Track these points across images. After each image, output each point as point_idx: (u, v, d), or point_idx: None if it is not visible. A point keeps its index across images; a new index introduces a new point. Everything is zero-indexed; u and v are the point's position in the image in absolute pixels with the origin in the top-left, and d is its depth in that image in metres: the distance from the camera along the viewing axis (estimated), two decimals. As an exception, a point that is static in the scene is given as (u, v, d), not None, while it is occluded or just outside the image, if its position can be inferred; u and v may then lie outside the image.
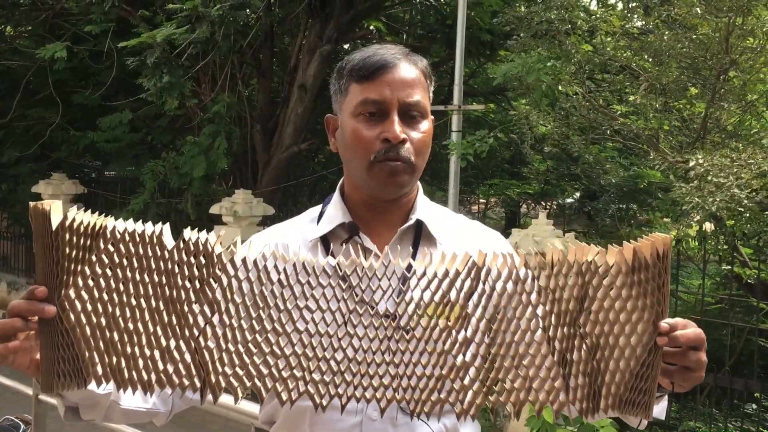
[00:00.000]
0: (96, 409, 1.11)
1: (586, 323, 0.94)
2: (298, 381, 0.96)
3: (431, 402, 0.96)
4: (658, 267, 0.91)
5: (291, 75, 9.74)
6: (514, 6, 8.42)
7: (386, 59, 1.20)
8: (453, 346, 0.96)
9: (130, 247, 0.93)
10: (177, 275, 0.94)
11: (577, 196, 13.46)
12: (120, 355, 0.94)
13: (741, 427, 6.17)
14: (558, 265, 0.93)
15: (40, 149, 10.73)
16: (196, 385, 0.95)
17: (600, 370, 0.94)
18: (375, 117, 1.19)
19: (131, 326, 0.94)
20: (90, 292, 0.93)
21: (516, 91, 7.81)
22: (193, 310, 0.95)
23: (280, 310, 0.96)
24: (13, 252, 11.43)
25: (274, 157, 9.52)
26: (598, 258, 0.93)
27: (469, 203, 16.45)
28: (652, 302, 0.92)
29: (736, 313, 7.37)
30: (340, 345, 0.96)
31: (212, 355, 0.95)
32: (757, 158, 4.75)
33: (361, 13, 9.45)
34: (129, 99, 9.35)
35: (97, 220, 0.93)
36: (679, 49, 5.90)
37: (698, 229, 5.83)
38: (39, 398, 2.77)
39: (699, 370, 0.97)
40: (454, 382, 0.96)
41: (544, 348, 0.96)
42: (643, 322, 0.92)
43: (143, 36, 7.96)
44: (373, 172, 1.19)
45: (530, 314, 0.95)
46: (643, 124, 6.32)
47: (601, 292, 0.93)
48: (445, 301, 0.96)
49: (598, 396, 0.95)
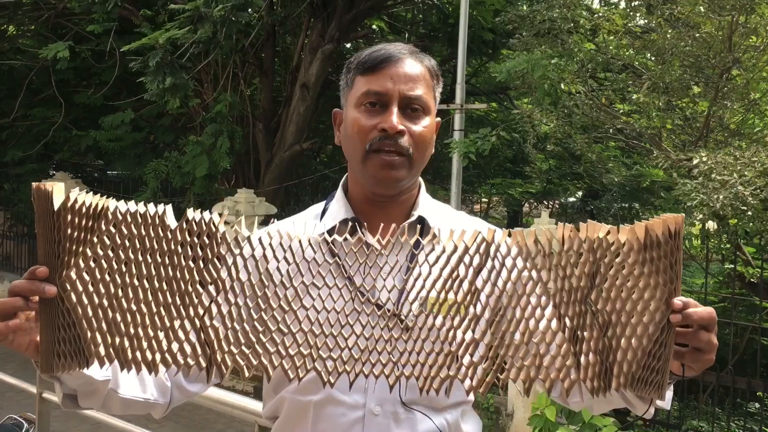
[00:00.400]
0: (94, 396, 1.10)
1: (598, 300, 0.93)
2: (306, 358, 0.95)
3: (440, 378, 0.95)
4: (671, 245, 0.90)
5: (293, 74, 9.74)
6: (517, 5, 8.42)
7: (391, 53, 1.21)
8: (462, 323, 0.95)
9: (132, 228, 0.93)
10: (180, 255, 0.94)
11: (580, 195, 13.45)
12: (123, 335, 0.94)
13: (744, 426, 6.16)
14: (569, 241, 0.93)
15: (42, 149, 10.76)
16: (201, 364, 0.95)
17: (612, 348, 0.93)
18: (376, 108, 1.19)
19: (134, 306, 0.94)
20: (92, 272, 0.93)
21: (518, 90, 7.81)
22: (197, 290, 0.95)
23: (287, 287, 0.96)
24: (16, 251, 11.46)
25: (276, 156, 9.53)
26: (610, 235, 0.92)
27: (472, 202, 16.45)
28: (665, 280, 0.91)
29: (739, 312, 7.36)
30: (348, 321, 0.96)
31: (218, 334, 0.95)
32: (760, 156, 4.75)
33: (363, 12, 9.45)
34: (131, 98, 9.36)
35: (99, 200, 0.92)
36: (682, 48, 5.89)
37: (701, 228, 5.82)
38: (42, 397, 2.77)
39: (710, 351, 0.96)
40: (464, 358, 0.95)
41: (554, 325, 0.94)
42: (655, 300, 0.91)
43: (146, 38, 7.97)
44: (368, 162, 1.19)
45: (540, 290, 0.94)
46: (645, 123, 6.31)
47: (612, 269, 0.92)
48: (455, 276, 0.95)
49: (610, 374, 0.94)
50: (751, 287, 6.56)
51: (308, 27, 9.68)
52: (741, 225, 5.85)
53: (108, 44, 8.90)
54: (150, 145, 11.15)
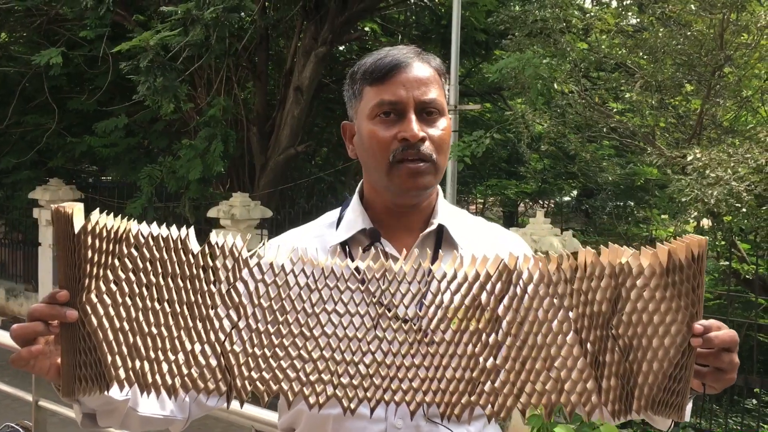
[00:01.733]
0: (113, 415, 1.10)
1: (619, 325, 0.93)
2: (326, 385, 0.95)
3: (461, 405, 0.95)
4: (693, 269, 0.90)
5: (286, 77, 9.74)
6: (509, 5, 8.43)
7: (399, 59, 1.18)
8: (484, 349, 0.95)
9: (154, 251, 0.93)
10: (202, 279, 0.94)
11: (575, 194, 13.48)
12: (143, 359, 0.94)
13: (741, 423, 6.17)
14: (591, 266, 0.92)
15: (36, 155, 10.72)
16: (221, 389, 0.95)
17: (633, 372, 0.93)
18: (391, 117, 1.16)
19: (155, 330, 0.94)
20: (113, 296, 0.93)
21: (512, 90, 7.82)
22: (218, 314, 0.94)
23: (308, 314, 0.95)
24: (11, 259, 11.41)
25: (271, 159, 9.53)
26: (632, 260, 0.92)
27: (467, 203, 16.45)
28: (687, 304, 0.91)
29: (735, 308, 7.37)
30: (369, 349, 0.95)
31: (238, 359, 0.94)
32: (753, 153, 4.77)
33: (356, 14, 9.45)
34: (125, 104, 9.35)
35: (120, 224, 0.92)
36: (674, 46, 5.91)
37: (696, 225, 5.84)
38: (39, 404, 2.76)
39: (731, 371, 0.96)
40: (485, 385, 0.95)
41: (576, 350, 0.94)
42: (677, 324, 0.91)
43: (136, 39, 7.96)
44: (393, 173, 1.16)
45: (562, 316, 0.94)
46: (639, 122, 6.33)
47: (634, 294, 0.92)
48: (476, 304, 0.95)
49: (631, 397, 0.94)
50: (747, 284, 6.59)
51: (301, 30, 9.68)
52: (736, 222, 5.87)
53: (101, 49, 8.88)
54: (144, 150, 11.13)
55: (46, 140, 10.30)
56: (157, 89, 7.92)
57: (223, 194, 9.19)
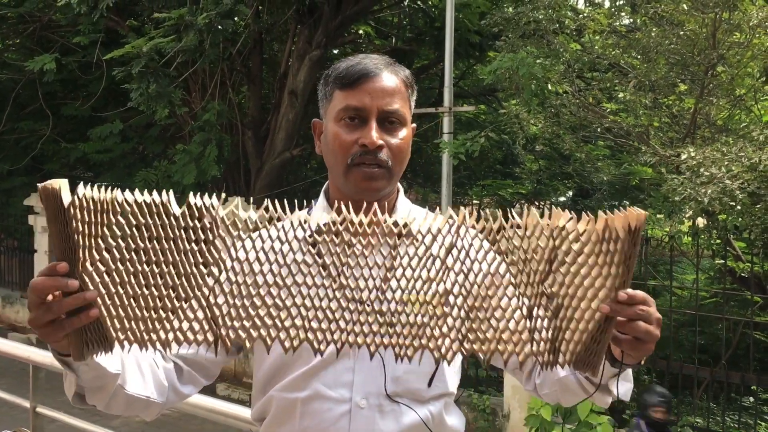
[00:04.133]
0: (102, 392, 1.15)
1: (554, 284, 1.00)
2: (299, 330, 1.03)
3: (413, 347, 1.03)
4: (628, 240, 0.95)
5: (281, 81, 9.75)
6: (502, 7, 8.46)
7: (368, 69, 1.26)
8: (434, 297, 1.03)
9: (139, 217, 0.99)
10: (185, 239, 1.00)
11: (570, 194, 13.51)
12: (138, 319, 1.01)
13: (739, 420, 6.19)
14: (531, 227, 1.00)
15: (31, 162, 10.71)
16: (209, 340, 1.03)
17: (561, 329, 1.02)
18: (355, 123, 1.25)
19: (146, 291, 1.00)
20: (105, 263, 0.98)
21: (506, 91, 7.83)
22: (201, 271, 1.01)
23: (280, 264, 1.03)
24: (7, 266, 11.39)
25: (266, 163, 9.53)
26: (570, 225, 0.98)
27: (463, 204, 16.47)
28: (617, 273, 0.96)
29: (731, 307, 7.39)
30: (335, 296, 1.03)
31: (221, 311, 1.02)
32: (747, 151, 4.78)
33: (350, 17, 9.47)
34: (119, 109, 9.34)
35: (106, 194, 0.98)
36: (667, 46, 5.93)
37: (691, 224, 5.86)
38: (36, 410, 2.76)
39: (648, 341, 1.03)
40: (434, 330, 1.03)
41: (514, 302, 1.03)
42: (605, 289, 0.97)
43: (129, 45, 7.95)
44: (350, 175, 1.25)
45: (504, 270, 1.02)
46: (633, 121, 6.35)
47: (570, 257, 0.98)
48: (427, 254, 1.03)
49: (558, 352, 1.03)
50: (742, 282, 6.60)
51: (295, 34, 9.69)
52: (730, 220, 5.89)
53: (95, 55, 8.87)
54: (139, 155, 11.13)
55: (40, 146, 10.29)
56: (150, 95, 7.93)
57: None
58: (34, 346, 2.95)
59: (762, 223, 5.22)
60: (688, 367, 5.89)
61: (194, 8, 7.75)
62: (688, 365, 5.94)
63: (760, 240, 6.35)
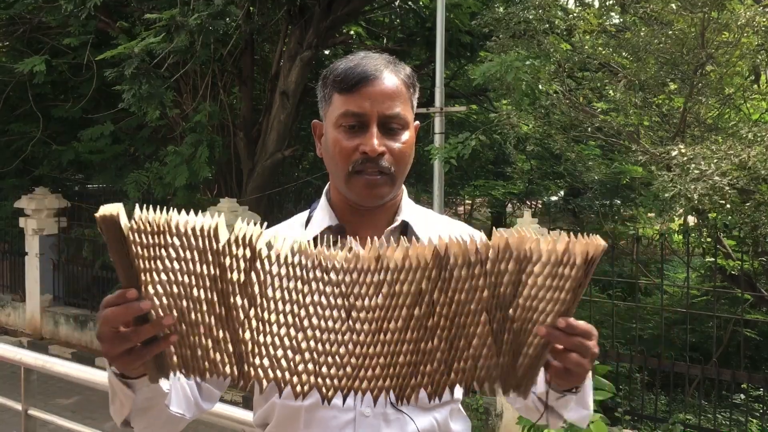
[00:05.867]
0: (150, 412, 1.13)
1: (516, 308, 0.99)
2: (310, 375, 1.00)
3: (410, 388, 1.01)
4: (582, 270, 0.94)
5: (272, 82, 9.74)
6: (493, 7, 8.47)
7: (367, 71, 1.21)
8: (425, 334, 1.00)
9: (191, 241, 0.96)
10: (227, 268, 0.97)
11: (562, 194, 13.55)
12: (187, 346, 1.00)
13: (730, 417, 6.23)
14: (501, 251, 0.97)
15: (22, 164, 10.65)
16: (234, 374, 1.00)
17: (518, 353, 1.01)
18: (355, 129, 1.21)
19: (194, 317, 0.98)
20: (164, 285, 0.97)
21: (497, 91, 7.85)
22: (236, 303, 0.99)
23: (300, 306, 1.00)
24: (-3, 268, 11.32)
25: (258, 164, 9.51)
26: (534, 246, 0.96)
27: (455, 204, 16.48)
28: (564, 299, 0.96)
29: (722, 304, 7.44)
30: (343, 340, 1.00)
31: (247, 347, 1.00)
32: (737, 149, 4.81)
33: (341, 18, 9.47)
34: (110, 111, 9.31)
35: (161, 216, 0.96)
36: (657, 45, 5.96)
37: (681, 223, 5.89)
38: (28, 413, 2.75)
39: (579, 374, 1.00)
40: (425, 367, 1.01)
41: (486, 329, 1.00)
42: (552, 315, 0.97)
43: (121, 47, 7.93)
44: (351, 182, 1.21)
45: (478, 298, 0.99)
46: (623, 120, 6.37)
47: (531, 280, 0.97)
48: (418, 290, 0.99)
49: (512, 376, 1.02)
50: (733, 280, 6.64)
51: (286, 34, 9.68)
52: (720, 218, 5.93)
53: (85, 57, 8.83)
54: (130, 157, 11.08)
55: (31, 148, 10.23)
56: (142, 96, 7.90)
57: (211, 200, 9.17)
58: (25, 349, 2.94)
59: (751, 221, 5.26)
60: (679, 365, 5.92)
61: (185, 9, 7.73)
62: (679, 363, 5.97)
63: (750, 238, 6.39)
